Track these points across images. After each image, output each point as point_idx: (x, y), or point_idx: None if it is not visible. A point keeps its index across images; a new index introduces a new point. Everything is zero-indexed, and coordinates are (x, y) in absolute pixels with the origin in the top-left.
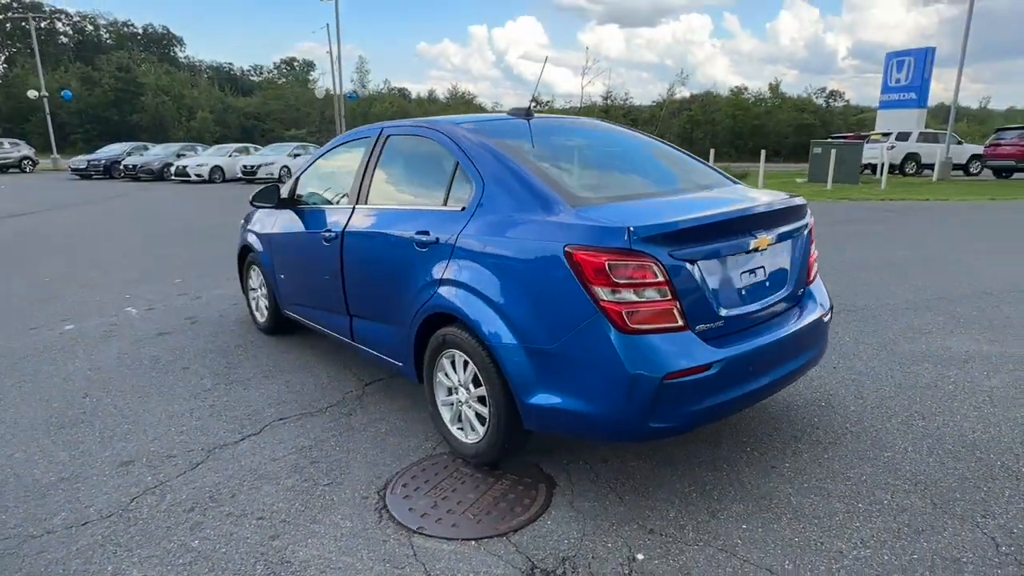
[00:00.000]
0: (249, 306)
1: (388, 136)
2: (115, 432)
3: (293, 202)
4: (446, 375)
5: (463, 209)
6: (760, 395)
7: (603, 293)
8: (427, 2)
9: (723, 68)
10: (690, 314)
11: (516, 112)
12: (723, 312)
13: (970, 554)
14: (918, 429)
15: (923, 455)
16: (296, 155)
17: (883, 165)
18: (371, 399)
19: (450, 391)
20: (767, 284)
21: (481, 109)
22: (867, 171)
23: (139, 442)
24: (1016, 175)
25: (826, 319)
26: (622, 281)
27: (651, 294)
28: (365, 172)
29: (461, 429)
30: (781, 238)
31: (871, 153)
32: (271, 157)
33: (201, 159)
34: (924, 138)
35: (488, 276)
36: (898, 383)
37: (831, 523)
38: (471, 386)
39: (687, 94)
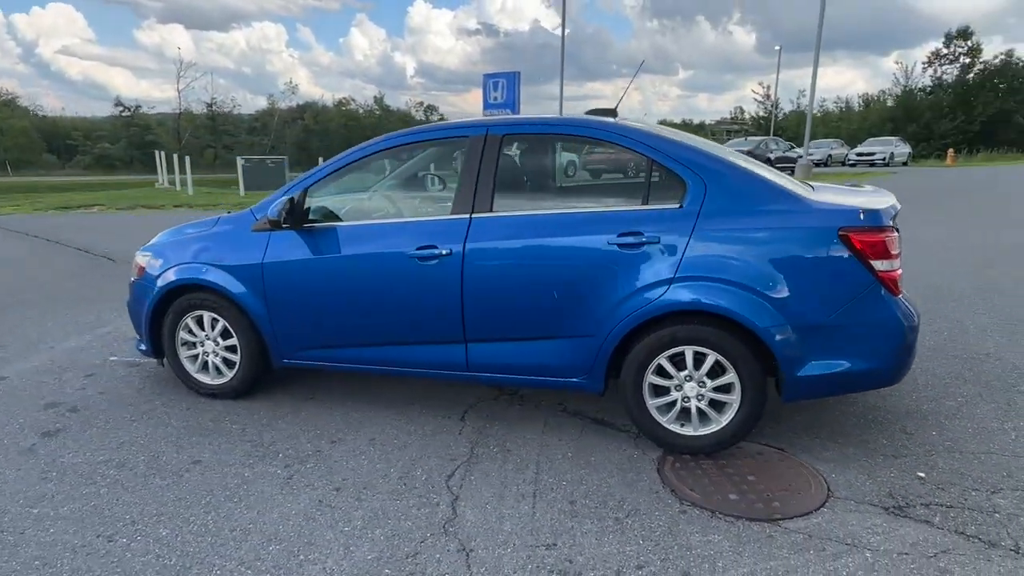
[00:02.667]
0: (180, 367)
1: (503, 136)
2: (285, 564)
3: (307, 221)
4: (661, 375)
5: (680, 207)
6: None
7: (879, 265)
8: None
9: (304, 79)
10: None
11: (601, 112)
12: None
13: None
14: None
15: (981, 363)
16: None
17: None
18: (495, 428)
19: (659, 391)
20: None
21: (27, 112)
22: None
23: (350, 561)
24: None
25: None
26: (893, 253)
27: (898, 263)
28: (478, 177)
29: (684, 425)
30: None
31: None
32: None
33: None
34: None
35: (744, 266)
36: None
37: None
38: (706, 379)
39: (293, 104)
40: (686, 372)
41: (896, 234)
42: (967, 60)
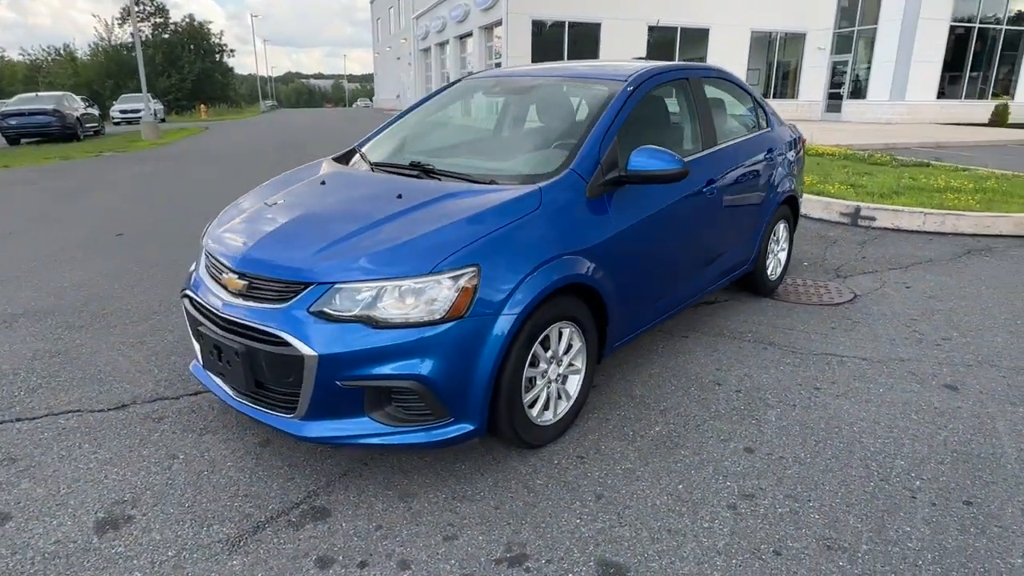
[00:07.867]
0: (524, 421)
1: (698, 79)
2: None
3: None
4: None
5: (770, 130)
6: None
7: (802, 152)
8: None
9: None
10: None
11: (697, 59)
12: None
13: None
14: None
15: None
16: None
17: None
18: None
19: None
20: None
21: None
22: None
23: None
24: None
25: None
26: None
27: None
28: (695, 117)
29: (773, 272)
30: None
31: None
32: None
33: None
34: None
35: (788, 162)
36: None
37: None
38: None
39: None
40: (777, 237)
41: None
42: (159, 20)
